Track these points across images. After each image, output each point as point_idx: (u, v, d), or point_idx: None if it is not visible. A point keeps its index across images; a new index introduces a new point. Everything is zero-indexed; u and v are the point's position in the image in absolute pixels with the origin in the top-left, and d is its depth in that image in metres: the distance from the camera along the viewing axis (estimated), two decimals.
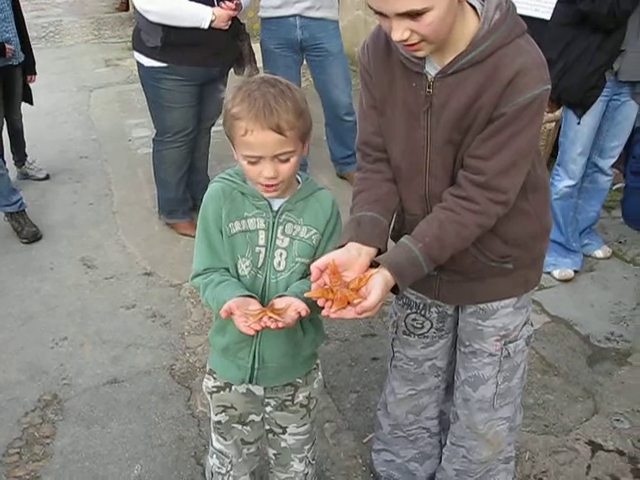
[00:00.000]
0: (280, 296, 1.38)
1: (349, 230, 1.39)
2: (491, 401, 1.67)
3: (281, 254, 1.44)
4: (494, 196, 1.33)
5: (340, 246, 1.36)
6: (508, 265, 1.51)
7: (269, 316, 1.30)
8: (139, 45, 3.17)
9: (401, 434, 1.89)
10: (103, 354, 2.66)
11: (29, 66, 3.92)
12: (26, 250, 3.43)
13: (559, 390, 2.43)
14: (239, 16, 3.17)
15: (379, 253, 1.37)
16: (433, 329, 1.71)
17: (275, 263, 1.44)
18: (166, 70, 3.13)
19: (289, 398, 1.61)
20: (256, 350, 1.49)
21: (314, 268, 1.27)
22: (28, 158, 4.24)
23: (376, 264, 1.32)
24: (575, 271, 3.10)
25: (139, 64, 3.23)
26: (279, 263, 1.44)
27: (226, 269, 1.45)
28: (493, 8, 1.27)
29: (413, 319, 1.71)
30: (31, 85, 4.04)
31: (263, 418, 1.66)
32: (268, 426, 1.68)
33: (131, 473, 2.11)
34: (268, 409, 1.63)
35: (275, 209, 1.44)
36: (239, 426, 1.64)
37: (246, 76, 1.39)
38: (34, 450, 2.20)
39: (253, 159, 1.34)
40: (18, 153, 4.18)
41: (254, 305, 1.35)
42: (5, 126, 3.89)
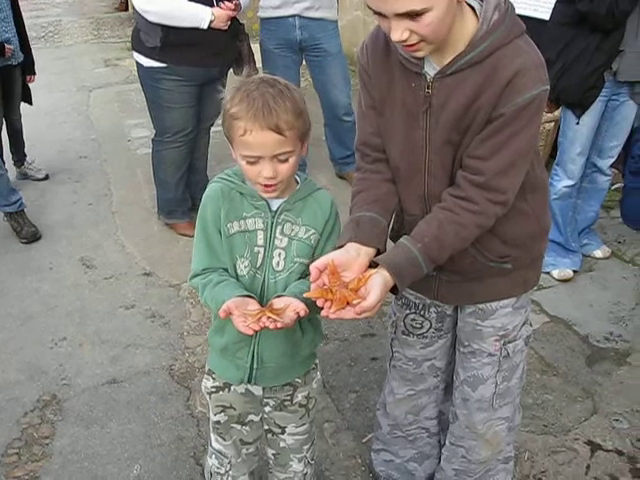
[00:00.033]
0: (279, 296, 1.38)
1: (348, 230, 1.39)
2: (490, 401, 1.67)
3: (280, 254, 1.44)
4: (493, 196, 1.33)
5: (339, 246, 1.36)
6: (507, 265, 1.51)
7: (268, 316, 1.31)
8: (138, 45, 3.18)
9: (400, 434, 1.90)
10: (102, 354, 2.65)
11: (28, 66, 3.92)
12: (25, 250, 3.43)
13: (558, 390, 2.44)
14: (238, 16, 3.18)
15: (378, 253, 1.37)
16: (432, 329, 1.71)
17: (274, 263, 1.44)
18: (165, 70, 3.13)
19: (288, 398, 1.61)
20: (255, 350, 1.49)
21: (313, 268, 1.27)
22: (27, 158, 4.24)
23: (375, 264, 1.32)
24: (574, 271, 3.11)
25: (138, 64, 3.23)
26: (278, 263, 1.44)
27: (225, 269, 1.45)
28: (492, 9, 1.27)
29: (412, 319, 1.71)
30: (30, 85, 4.04)
31: (262, 418, 1.66)
32: (267, 426, 1.68)
33: (130, 473, 2.11)
34: (267, 409, 1.63)
35: (274, 209, 1.44)
36: (238, 426, 1.64)
37: (245, 76, 1.39)
38: (33, 450, 2.20)
39: (252, 159, 1.34)
40: (17, 153, 4.18)
41: (253, 305, 1.35)
42: (4, 126, 3.89)
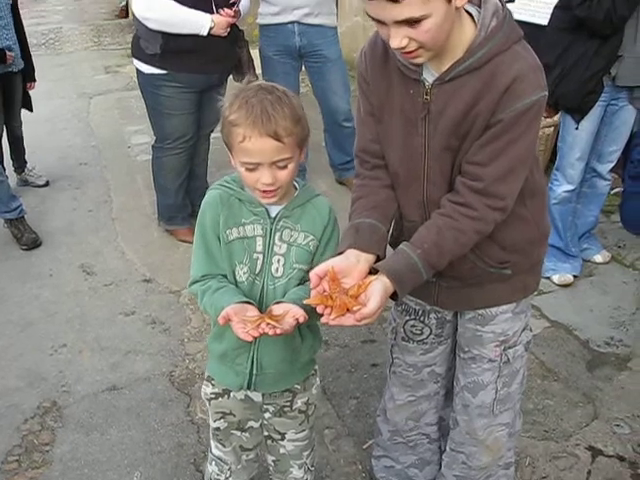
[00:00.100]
0: (278, 302, 1.38)
1: (348, 237, 1.39)
2: (490, 407, 1.67)
3: (279, 260, 1.44)
4: (492, 202, 1.34)
5: (339, 253, 1.36)
6: (506, 271, 1.51)
7: (267, 322, 1.31)
8: (138, 52, 3.18)
9: (401, 440, 1.89)
10: (102, 361, 2.65)
11: (29, 73, 3.93)
12: (25, 257, 3.43)
13: (559, 395, 2.43)
14: (238, 23, 3.19)
15: (378, 260, 1.37)
16: (432, 335, 1.70)
17: (273, 269, 1.44)
18: (165, 77, 3.13)
19: (287, 404, 1.60)
20: (254, 356, 1.49)
21: (313, 275, 1.27)
22: (28, 165, 4.25)
23: (375, 271, 1.32)
24: (574, 276, 3.10)
25: (138, 71, 3.24)
26: (277, 269, 1.45)
27: (224, 276, 1.45)
28: (490, 15, 1.28)
29: (412, 325, 1.71)
30: (31, 92, 4.05)
31: (262, 424, 1.66)
32: (267, 432, 1.68)
33: None
34: (267, 415, 1.63)
35: (272, 215, 1.44)
36: (238, 432, 1.64)
37: (245, 83, 1.39)
38: (33, 457, 2.19)
39: (251, 166, 1.34)
40: (18, 160, 4.19)
41: (252, 311, 1.35)
42: (5, 133, 3.90)
